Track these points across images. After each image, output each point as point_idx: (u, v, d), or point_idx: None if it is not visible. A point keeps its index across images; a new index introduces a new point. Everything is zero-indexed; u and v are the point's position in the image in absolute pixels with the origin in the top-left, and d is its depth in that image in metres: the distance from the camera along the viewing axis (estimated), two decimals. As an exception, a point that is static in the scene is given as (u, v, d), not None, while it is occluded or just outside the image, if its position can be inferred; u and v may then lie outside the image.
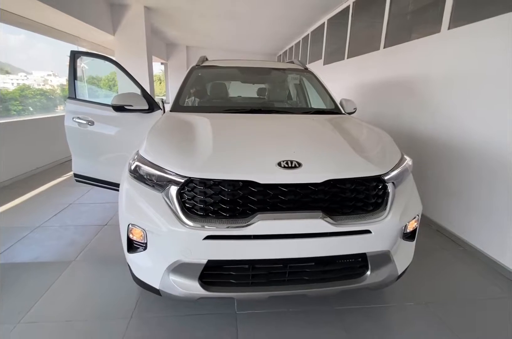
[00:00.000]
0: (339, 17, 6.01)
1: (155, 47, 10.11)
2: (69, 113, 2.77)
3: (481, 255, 2.55)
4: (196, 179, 1.45)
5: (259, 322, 1.81)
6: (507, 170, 2.29)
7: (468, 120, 2.67)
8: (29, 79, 9.93)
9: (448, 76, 2.91)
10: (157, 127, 1.96)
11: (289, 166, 1.48)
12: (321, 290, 1.56)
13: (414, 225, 1.76)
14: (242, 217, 1.46)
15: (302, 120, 2.31)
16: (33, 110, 7.78)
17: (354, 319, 1.86)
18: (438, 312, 1.94)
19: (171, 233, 1.41)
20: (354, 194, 1.53)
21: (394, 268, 1.67)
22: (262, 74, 3.06)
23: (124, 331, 1.71)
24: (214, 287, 1.51)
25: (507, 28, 2.27)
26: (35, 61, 7.61)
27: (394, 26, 4.01)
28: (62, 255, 2.48)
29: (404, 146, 3.62)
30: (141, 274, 1.62)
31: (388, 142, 1.94)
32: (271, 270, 1.55)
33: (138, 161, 1.64)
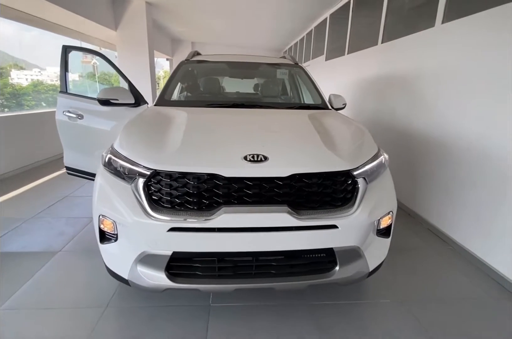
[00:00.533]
0: (340, 12, 5.93)
1: (160, 43, 10.16)
2: (60, 106, 2.82)
3: (467, 254, 2.51)
4: (162, 171, 1.47)
5: (231, 315, 1.83)
6: (496, 168, 2.24)
7: (458, 116, 2.61)
8: (42, 75, 10.12)
9: (440, 72, 2.85)
10: (133, 121, 1.99)
11: (255, 160, 1.48)
12: (288, 284, 1.56)
13: (388, 221, 1.74)
14: (208, 210, 1.47)
15: (281, 115, 2.30)
16: (46, 105, 7.95)
17: (326, 314, 1.86)
18: (413, 310, 1.92)
19: (137, 224, 1.44)
20: (321, 188, 1.52)
21: (364, 264, 1.66)
22: (250, 69, 3.05)
23: (97, 320, 1.75)
24: (180, 278, 1.53)
25: (498, 22, 2.21)
26: (49, 57, 7.75)
27: (392, 21, 3.94)
28: (49, 245, 2.55)
29: (398, 143, 3.58)
30: (112, 265, 1.65)
31: (364, 137, 1.91)
32: (237, 263, 1.56)
33: (111, 153, 1.67)
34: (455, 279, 2.27)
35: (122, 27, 6.55)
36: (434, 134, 2.92)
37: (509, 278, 2.14)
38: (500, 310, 1.95)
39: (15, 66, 12.99)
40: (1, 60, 7.68)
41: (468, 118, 2.49)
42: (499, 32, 2.20)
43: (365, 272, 1.68)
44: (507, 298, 2.07)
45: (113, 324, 1.74)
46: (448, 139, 2.73)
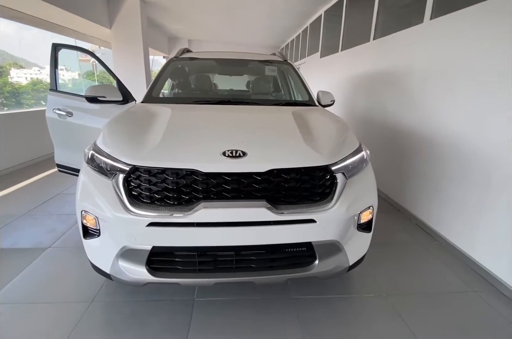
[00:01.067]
0: (334, 8, 5.92)
1: (156, 41, 10.14)
2: (50, 104, 2.84)
3: (453, 248, 2.54)
4: (141, 167, 1.48)
5: (215, 309, 1.85)
6: (480, 165, 2.25)
7: (446, 113, 2.62)
8: (42, 74, 10.09)
9: (428, 68, 2.85)
10: (117, 118, 2.01)
11: (233, 155, 1.50)
12: (268, 278, 1.58)
13: (368, 216, 1.75)
14: (187, 205, 1.49)
15: (266, 111, 2.31)
16: (45, 104, 8.01)
17: (309, 308, 1.88)
18: (396, 304, 1.94)
19: (116, 219, 1.46)
20: (299, 183, 1.54)
21: (344, 258, 1.68)
22: (239, 65, 3.06)
23: (82, 314, 1.78)
24: (161, 272, 1.55)
25: (485, 17, 2.21)
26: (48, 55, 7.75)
27: (383, 17, 3.93)
28: (39, 241, 2.57)
29: (388, 139, 3.60)
30: (95, 259, 1.68)
31: (346, 133, 1.93)
32: (217, 258, 1.58)
33: (93, 150, 1.68)
34: (440, 274, 2.29)
35: (117, 25, 6.55)
36: (423, 131, 2.93)
37: (491, 271, 2.16)
38: (481, 303, 1.97)
39: (14, 65, 12.99)
40: (1, 59, 7.68)
41: (455, 115, 2.50)
42: (486, 28, 2.21)
43: (345, 266, 1.70)
44: (489, 290, 2.09)
45: (97, 319, 1.76)
46: (435, 136, 2.75)
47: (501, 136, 2.06)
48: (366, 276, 2.22)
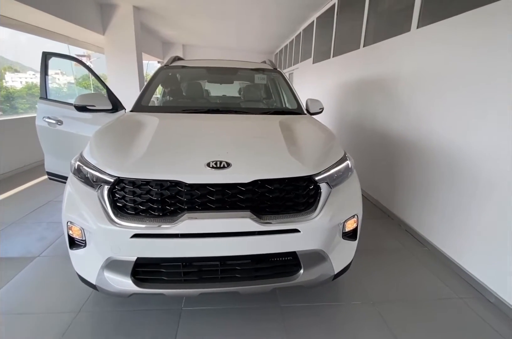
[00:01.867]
0: (326, 15, 6.00)
1: (150, 46, 10.19)
2: (40, 112, 2.85)
3: (442, 255, 2.56)
4: (125, 178, 1.50)
5: (202, 319, 1.85)
6: (468, 172, 2.29)
7: (432, 120, 2.66)
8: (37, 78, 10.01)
9: (415, 76, 2.90)
10: (104, 128, 2.02)
11: (217, 166, 1.52)
12: (253, 288, 1.60)
13: (353, 225, 1.77)
14: (171, 216, 1.50)
15: (252, 120, 2.34)
16: None
17: (296, 316, 1.89)
18: (383, 312, 1.96)
19: (101, 230, 1.47)
20: (283, 194, 1.56)
21: (329, 267, 1.70)
22: (229, 74, 3.09)
23: (69, 325, 1.78)
24: (146, 283, 1.56)
25: (468, 27, 2.26)
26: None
27: (372, 25, 4.00)
28: (28, 250, 2.56)
29: (378, 146, 3.64)
30: (81, 270, 1.68)
31: (331, 142, 1.95)
32: (202, 268, 1.59)
33: (79, 161, 1.69)
34: (428, 281, 2.31)
35: (110, 31, 6.57)
36: (412, 137, 2.98)
37: (477, 278, 2.18)
38: (467, 310, 1.99)
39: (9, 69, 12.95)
40: (-4, 63, 7.63)
41: (443, 122, 2.54)
42: (470, 36, 2.26)
43: (330, 274, 1.72)
44: (475, 297, 2.12)
45: (83, 329, 1.76)
46: (424, 142, 2.79)
47: (487, 143, 2.10)
48: (354, 284, 2.24)
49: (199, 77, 3.32)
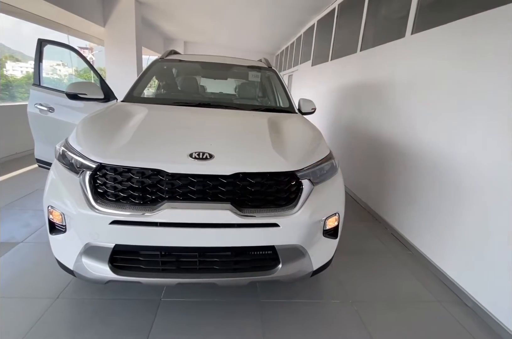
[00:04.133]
0: (326, 18, 6.04)
1: (152, 41, 10.18)
2: (32, 99, 2.84)
3: (423, 259, 2.59)
4: (107, 165, 1.50)
5: (180, 310, 1.85)
6: (453, 179, 2.31)
7: (421, 126, 2.69)
8: None
9: (408, 81, 2.94)
10: (91, 116, 2.02)
11: (200, 157, 1.52)
12: (230, 280, 1.60)
13: (334, 222, 1.78)
14: (152, 205, 1.51)
15: (242, 116, 2.35)
16: None
17: (273, 312, 1.90)
18: (361, 311, 1.97)
19: (80, 216, 1.47)
20: (265, 188, 1.57)
21: (308, 263, 1.70)
22: (223, 70, 3.10)
23: (44, 311, 1.77)
24: (123, 271, 1.56)
25: (460, 34, 2.29)
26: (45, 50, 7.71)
27: (370, 30, 4.03)
28: (12, 236, 2.55)
29: (369, 149, 3.66)
30: (59, 255, 1.67)
31: (317, 140, 1.97)
32: (181, 258, 1.59)
33: (64, 146, 1.69)
34: (409, 283, 2.33)
35: (111, 24, 6.57)
36: (401, 142, 3.00)
37: (456, 282, 2.21)
38: (444, 313, 2.01)
39: (10, 57, 12.85)
40: (-3, 50, 7.58)
41: (431, 129, 2.57)
42: (459, 44, 2.29)
43: (308, 271, 1.72)
44: (453, 301, 2.14)
45: (59, 316, 1.75)
46: (413, 148, 2.81)
47: (472, 150, 2.12)
48: (334, 283, 2.26)
49: (193, 71, 3.33)
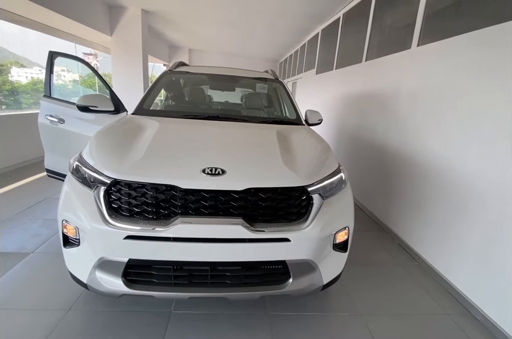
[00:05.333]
0: (331, 28, 6.11)
1: (157, 49, 10.31)
2: (43, 110, 2.89)
3: (432, 270, 2.58)
4: (122, 180, 1.53)
5: (190, 323, 1.86)
6: (461, 190, 2.32)
7: (428, 136, 2.71)
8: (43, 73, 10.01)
9: (414, 93, 2.97)
10: (104, 130, 2.06)
11: (212, 173, 1.55)
12: (241, 294, 1.62)
13: (344, 236, 1.80)
14: (165, 220, 1.53)
15: (251, 128, 2.38)
16: None
17: (283, 324, 1.90)
18: (370, 324, 1.97)
19: (95, 230, 1.49)
20: (276, 203, 1.59)
21: (318, 277, 1.72)
22: (231, 82, 3.15)
23: (58, 323, 1.79)
24: (136, 285, 1.58)
25: (468, 47, 2.32)
26: None
27: (375, 40, 4.08)
28: (23, 246, 2.57)
29: (375, 159, 3.68)
30: (73, 268, 1.70)
31: (326, 154, 1.99)
32: (193, 272, 1.61)
33: (78, 161, 1.73)
34: (417, 296, 2.32)
35: (117, 33, 6.67)
36: (408, 152, 3.02)
37: (465, 294, 2.20)
38: (453, 326, 2.01)
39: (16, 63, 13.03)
40: (3, 57, 7.73)
41: (438, 139, 2.59)
42: (467, 58, 2.32)
43: (319, 285, 1.73)
44: (462, 314, 2.13)
45: (72, 327, 1.77)
46: (420, 158, 2.83)
47: (481, 162, 2.13)
48: (342, 295, 2.26)
49: (202, 83, 3.38)
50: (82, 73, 11.73)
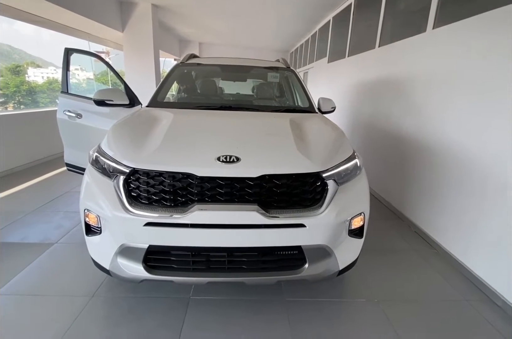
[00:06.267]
0: (342, 14, 5.97)
1: (167, 44, 10.35)
2: (61, 106, 2.97)
3: (450, 257, 2.55)
4: (140, 169, 1.57)
5: (209, 308, 1.92)
6: (478, 174, 2.27)
7: (444, 122, 2.65)
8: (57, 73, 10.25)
9: (429, 77, 2.88)
10: (121, 122, 2.11)
11: (227, 160, 1.57)
12: (258, 279, 1.65)
13: (360, 222, 1.79)
14: (182, 207, 1.57)
15: (264, 117, 2.38)
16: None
17: (300, 310, 1.93)
18: (387, 310, 1.97)
19: (116, 218, 1.54)
20: (290, 189, 1.60)
21: (334, 263, 1.73)
22: (242, 72, 3.14)
23: (83, 308, 1.87)
24: (156, 270, 1.63)
25: (485, 27, 2.24)
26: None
27: (388, 25, 3.97)
28: (47, 237, 2.69)
29: (390, 146, 3.62)
30: (96, 256, 1.77)
31: (340, 140, 1.98)
32: (210, 258, 1.65)
33: (97, 152, 1.78)
34: (434, 281, 2.31)
35: (129, 29, 6.74)
36: (423, 138, 2.96)
37: (485, 280, 2.17)
38: (473, 312, 1.99)
39: (32, 64, 13.37)
40: (19, 58, 7.98)
41: (455, 124, 2.52)
42: (487, 38, 2.23)
43: (335, 270, 1.74)
44: (482, 300, 2.10)
45: (97, 312, 1.85)
46: (436, 144, 2.77)
47: (498, 146, 2.08)
48: (359, 282, 2.26)
49: (213, 74, 3.39)
50: (95, 71, 11.93)
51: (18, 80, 10.21)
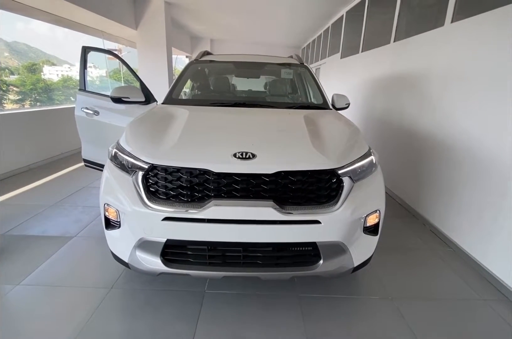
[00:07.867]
0: (356, 9, 5.88)
1: (179, 41, 10.40)
2: (78, 103, 3.04)
3: (466, 256, 2.51)
4: (159, 165, 1.60)
5: (224, 302, 1.95)
6: (496, 171, 2.22)
7: (461, 118, 2.59)
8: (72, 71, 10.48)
9: (446, 72, 2.82)
10: (138, 119, 2.15)
11: (243, 157, 1.59)
12: (273, 274, 1.67)
13: (375, 220, 1.79)
14: (199, 202, 1.60)
15: (278, 114, 2.39)
16: (74, 100, 8.57)
17: (314, 306, 1.94)
18: (401, 308, 1.96)
19: (135, 213, 1.59)
20: (306, 185, 1.60)
21: (349, 259, 1.73)
22: (256, 68, 3.14)
23: (102, 299, 1.93)
24: (174, 264, 1.67)
25: (504, 21, 2.18)
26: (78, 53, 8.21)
27: (404, 19, 3.89)
28: (66, 231, 2.77)
29: (404, 143, 3.57)
30: (115, 249, 1.82)
31: (355, 137, 1.97)
32: (226, 253, 1.68)
33: (116, 148, 1.83)
34: (450, 280, 2.28)
35: (142, 26, 6.81)
36: (439, 135, 2.91)
37: (503, 280, 2.14)
38: (490, 312, 1.96)
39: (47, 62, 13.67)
40: (35, 56, 8.20)
41: (472, 120, 2.47)
42: (504, 32, 2.17)
43: (350, 267, 1.75)
44: (499, 300, 2.07)
45: (115, 304, 1.91)
46: (452, 140, 2.72)
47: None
48: (373, 279, 2.26)
49: (227, 71, 3.40)
50: (108, 68, 12.09)
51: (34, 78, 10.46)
